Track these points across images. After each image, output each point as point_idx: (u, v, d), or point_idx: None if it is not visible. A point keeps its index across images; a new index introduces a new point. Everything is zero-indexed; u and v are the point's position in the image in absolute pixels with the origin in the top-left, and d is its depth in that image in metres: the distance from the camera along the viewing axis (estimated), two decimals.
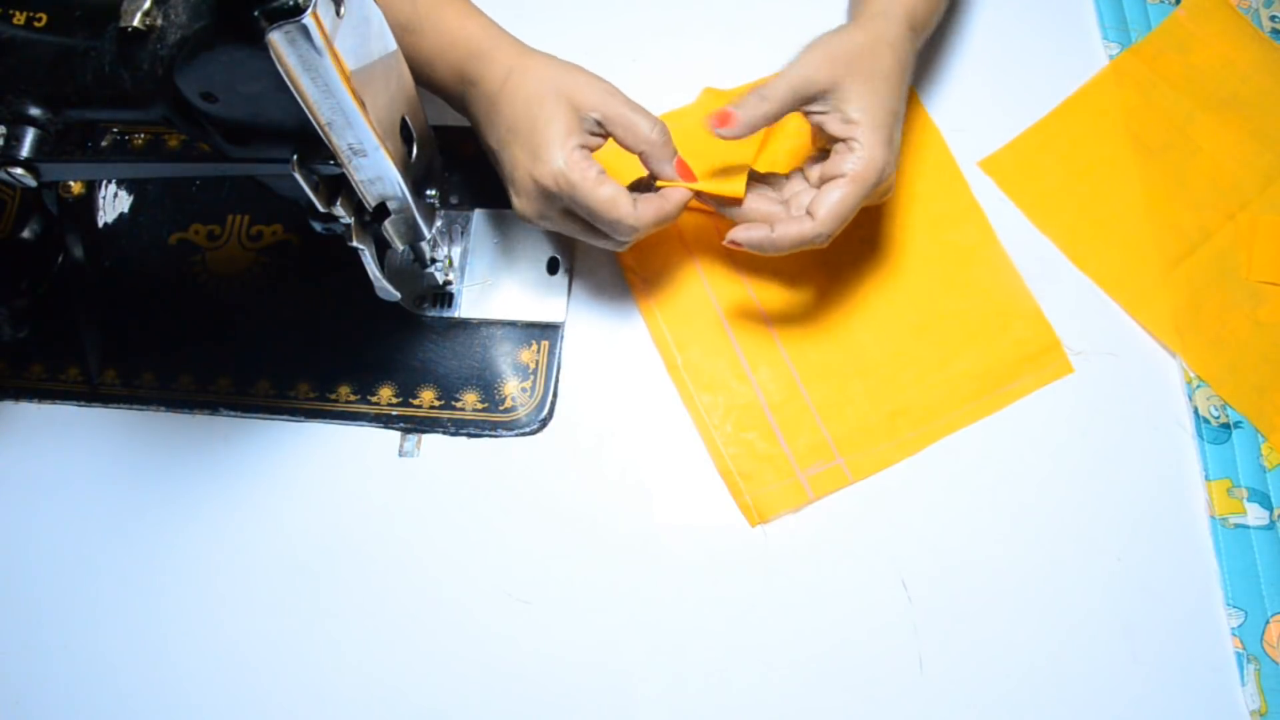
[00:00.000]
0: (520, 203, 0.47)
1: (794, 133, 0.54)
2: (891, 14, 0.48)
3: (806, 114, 0.47)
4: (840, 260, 0.55)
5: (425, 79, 0.50)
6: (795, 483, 0.51)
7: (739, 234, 0.46)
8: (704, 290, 0.55)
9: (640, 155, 0.46)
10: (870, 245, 0.55)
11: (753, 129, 0.46)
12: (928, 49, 0.60)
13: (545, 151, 0.44)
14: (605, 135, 0.46)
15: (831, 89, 0.45)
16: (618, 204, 0.45)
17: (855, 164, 0.44)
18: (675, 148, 0.47)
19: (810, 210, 0.45)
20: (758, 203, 0.48)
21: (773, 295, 0.54)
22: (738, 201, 0.48)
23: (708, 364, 0.53)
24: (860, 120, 0.44)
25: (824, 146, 0.48)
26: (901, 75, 0.47)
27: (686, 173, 0.47)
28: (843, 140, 0.45)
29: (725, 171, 0.49)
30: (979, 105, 0.59)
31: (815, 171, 0.48)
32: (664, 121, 0.46)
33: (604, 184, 0.44)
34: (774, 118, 0.46)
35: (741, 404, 0.52)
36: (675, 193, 0.47)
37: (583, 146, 0.45)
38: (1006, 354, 0.53)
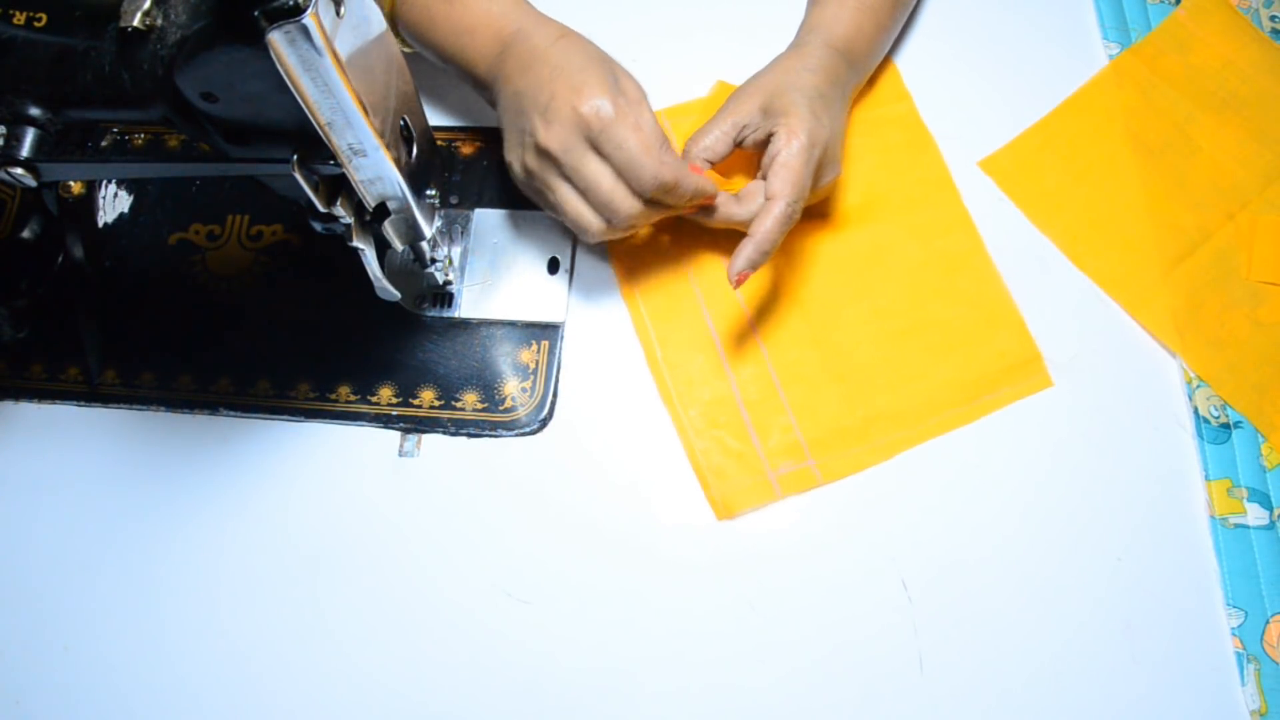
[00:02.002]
0: (546, 134, 0.46)
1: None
2: (807, 41, 0.53)
3: (739, 145, 0.51)
4: (826, 263, 0.55)
5: (455, 48, 0.51)
6: (764, 481, 0.51)
7: (738, 265, 0.46)
8: (690, 285, 0.55)
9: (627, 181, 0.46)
10: (857, 248, 0.55)
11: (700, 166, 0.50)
12: (928, 49, 0.60)
13: (592, 87, 0.45)
14: None
15: (756, 111, 0.49)
16: (651, 147, 0.45)
17: (785, 136, 0.47)
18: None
19: (768, 194, 0.47)
20: (725, 206, 0.50)
21: (758, 294, 0.54)
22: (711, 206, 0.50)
23: (687, 358, 0.53)
24: (784, 109, 0.48)
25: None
26: (814, 76, 0.50)
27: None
28: (771, 133, 0.48)
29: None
30: (979, 105, 0.59)
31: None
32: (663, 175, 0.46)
33: (642, 127, 0.45)
34: (713, 151, 0.50)
35: (717, 400, 0.52)
36: (699, 178, 0.48)
37: None
38: (987, 364, 0.53)
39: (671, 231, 0.56)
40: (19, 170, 0.38)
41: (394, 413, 0.53)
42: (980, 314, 0.54)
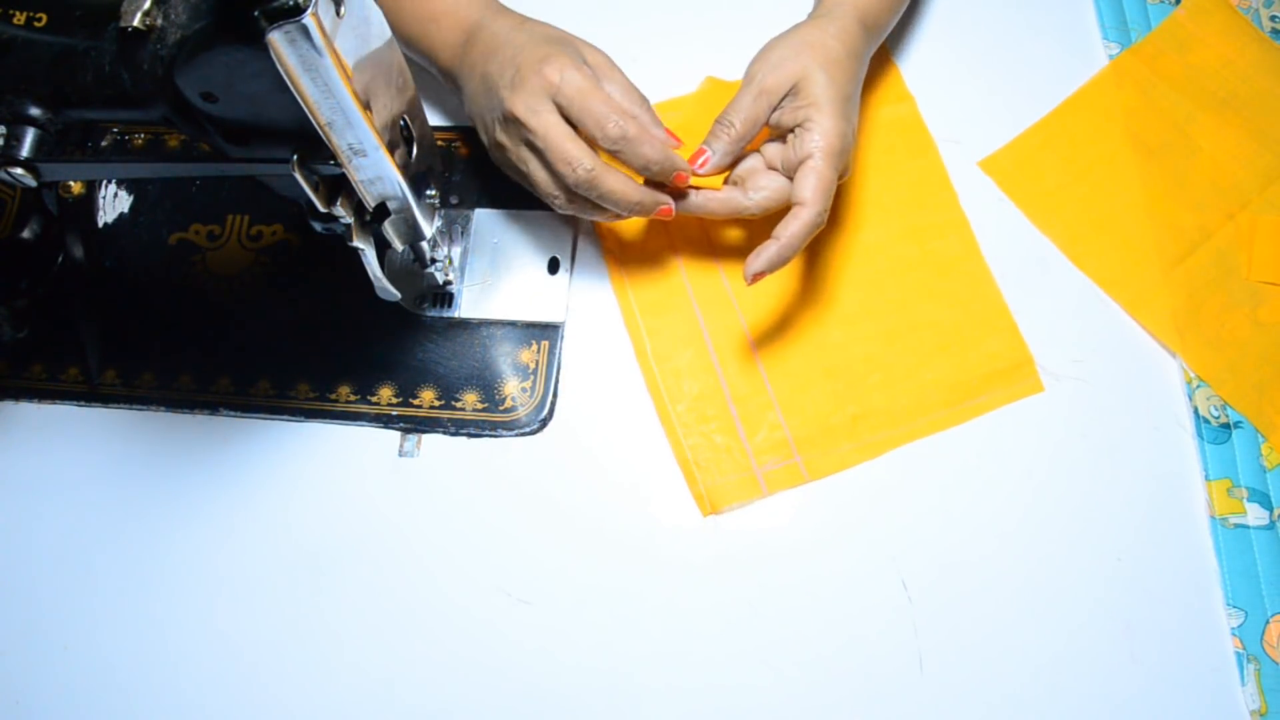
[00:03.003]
0: (512, 100, 0.46)
1: None
2: (839, 11, 0.50)
3: (768, 122, 0.48)
4: (820, 259, 0.55)
5: (420, 35, 0.52)
6: (751, 477, 0.51)
7: (756, 266, 0.46)
8: (680, 280, 0.55)
9: (611, 153, 0.47)
10: (851, 247, 0.55)
11: (730, 156, 0.48)
12: (928, 49, 0.60)
13: (556, 56, 0.45)
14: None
15: (789, 89, 0.47)
16: (608, 99, 0.45)
17: (819, 139, 0.45)
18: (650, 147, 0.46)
19: (796, 199, 0.46)
20: (732, 197, 0.49)
21: (748, 289, 0.55)
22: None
23: (676, 352, 0.53)
24: (816, 102, 0.46)
25: (777, 136, 0.49)
26: (853, 63, 0.48)
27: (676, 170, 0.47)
28: (800, 124, 0.46)
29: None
30: (979, 105, 0.59)
31: (772, 149, 0.49)
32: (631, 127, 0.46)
33: (563, 125, 0.45)
34: (746, 139, 0.48)
35: (705, 395, 0.53)
36: (662, 146, 0.46)
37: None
38: (977, 367, 0.53)
39: (663, 225, 0.56)
40: (19, 170, 0.38)
41: (394, 413, 0.53)
42: (973, 317, 0.54)
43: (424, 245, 0.49)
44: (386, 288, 0.47)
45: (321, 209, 0.40)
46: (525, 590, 0.50)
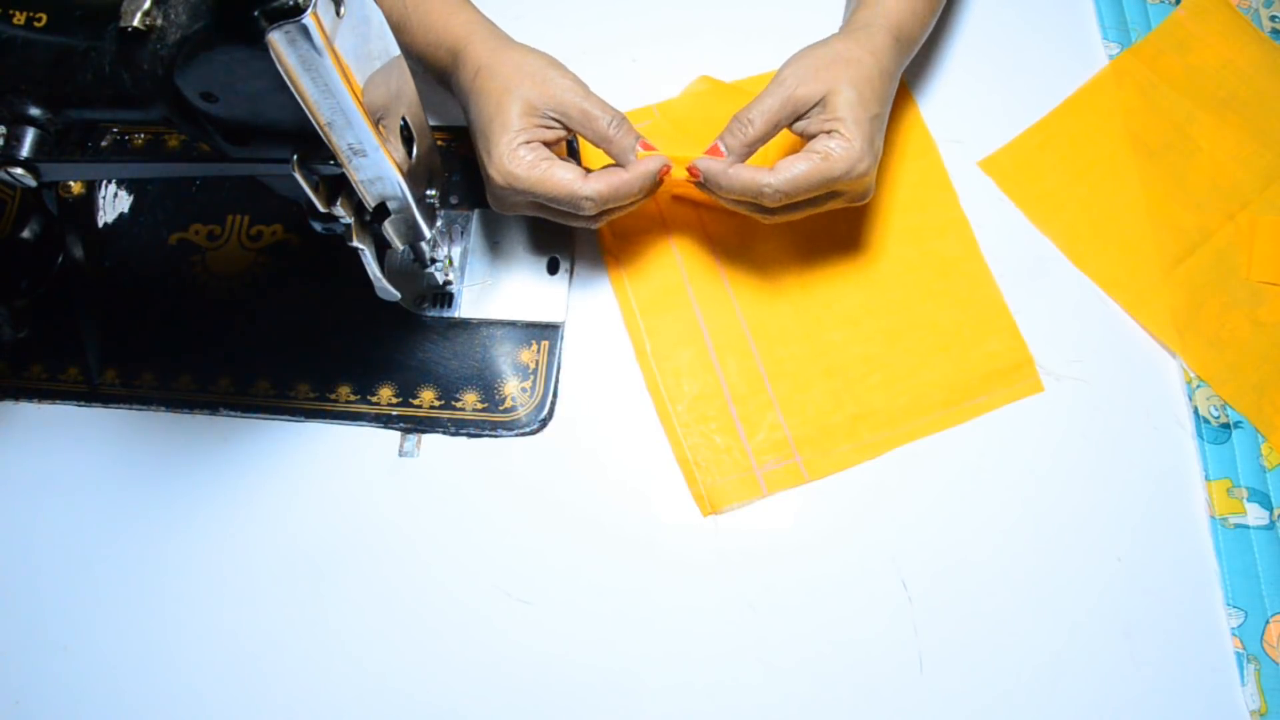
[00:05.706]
0: (489, 196, 0.49)
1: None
2: (875, 25, 0.49)
3: (790, 127, 0.48)
4: (820, 259, 0.55)
5: (421, 72, 0.52)
6: (751, 477, 0.51)
7: (700, 162, 0.47)
8: (680, 279, 0.55)
9: (603, 149, 0.48)
10: (851, 247, 0.55)
11: (742, 157, 0.47)
12: (928, 50, 0.60)
13: (493, 150, 0.46)
14: (565, 129, 0.48)
15: (818, 101, 0.46)
16: (564, 182, 0.46)
17: (832, 148, 0.45)
18: (635, 138, 0.47)
19: (774, 165, 0.46)
20: (741, 170, 0.47)
21: (748, 289, 0.55)
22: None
23: (675, 352, 0.53)
24: (845, 117, 0.46)
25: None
26: (885, 82, 0.48)
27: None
28: (824, 132, 0.46)
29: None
30: (979, 105, 0.59)
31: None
32: (624, 115, 0.47)
33: (549, 168, 0.46)
34: (762, 140, 0.47)
35: (705, 395, 0.53)
36: (637, 163, 0.47)
37: (529, 142, 0.46)
38: (977, 367, 0.53)
39: (663, 225, 0.56)
40: (19, 170, 0.38)
41: (394, 413, 0.53)
42: (972, 316, 0.54)
43: (424, 245, 0.49)
44: (386, 288, 0.47)
45: (321, 209, 0.40)
46: (525, 590, 0.50)
